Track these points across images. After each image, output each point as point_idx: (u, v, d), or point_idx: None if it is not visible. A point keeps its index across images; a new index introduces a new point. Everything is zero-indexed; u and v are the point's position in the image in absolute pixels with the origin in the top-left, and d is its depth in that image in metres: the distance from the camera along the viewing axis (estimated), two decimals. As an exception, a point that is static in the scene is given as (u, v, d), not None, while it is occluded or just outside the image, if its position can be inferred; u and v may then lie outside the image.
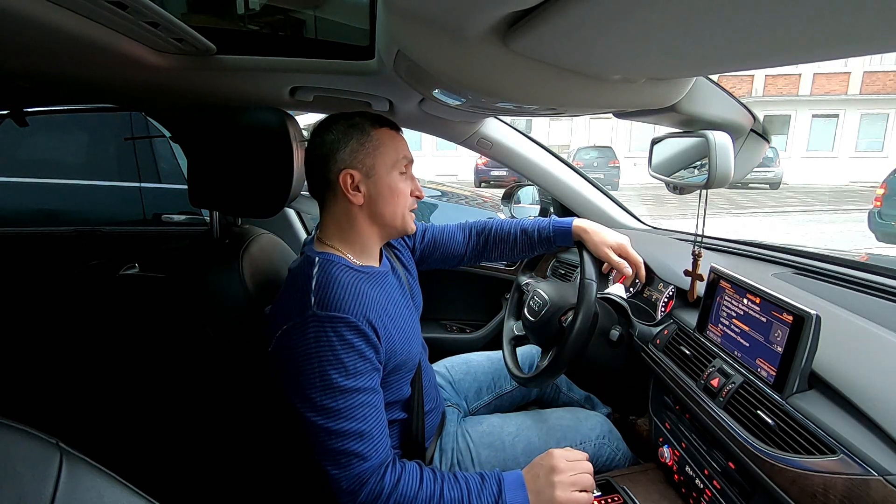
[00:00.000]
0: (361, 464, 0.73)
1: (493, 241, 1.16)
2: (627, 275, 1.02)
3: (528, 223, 1.15)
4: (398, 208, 0.86)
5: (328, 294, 0.75)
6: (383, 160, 0.83)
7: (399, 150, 0.85)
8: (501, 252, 1.16)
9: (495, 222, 1.18)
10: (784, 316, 0.71)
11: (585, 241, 1.06)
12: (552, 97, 0.73)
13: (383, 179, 0.83)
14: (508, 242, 1.15)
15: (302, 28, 1.21)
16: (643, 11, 0.42)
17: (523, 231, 1.14)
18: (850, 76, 14.70)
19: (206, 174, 0.96)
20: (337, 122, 0.84)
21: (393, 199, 0.84)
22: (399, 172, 0.85)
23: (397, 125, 0.88)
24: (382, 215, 0.85)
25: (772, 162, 12.50)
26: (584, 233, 1.06)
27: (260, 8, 1.21)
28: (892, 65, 14.50)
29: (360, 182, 0.82)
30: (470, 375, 1.21)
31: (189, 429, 1.45)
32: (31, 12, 0.60)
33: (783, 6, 0.38)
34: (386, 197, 0.84)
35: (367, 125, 0.83)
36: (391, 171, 0.84)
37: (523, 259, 1.32)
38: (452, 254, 1.16)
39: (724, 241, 1.30)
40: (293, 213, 1.60)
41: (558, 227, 1.11)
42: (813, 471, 0.60)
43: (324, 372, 0.73)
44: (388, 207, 0.85)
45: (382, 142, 0.83)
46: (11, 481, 0.30)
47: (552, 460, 0.76)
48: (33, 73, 0.96)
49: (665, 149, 1.07)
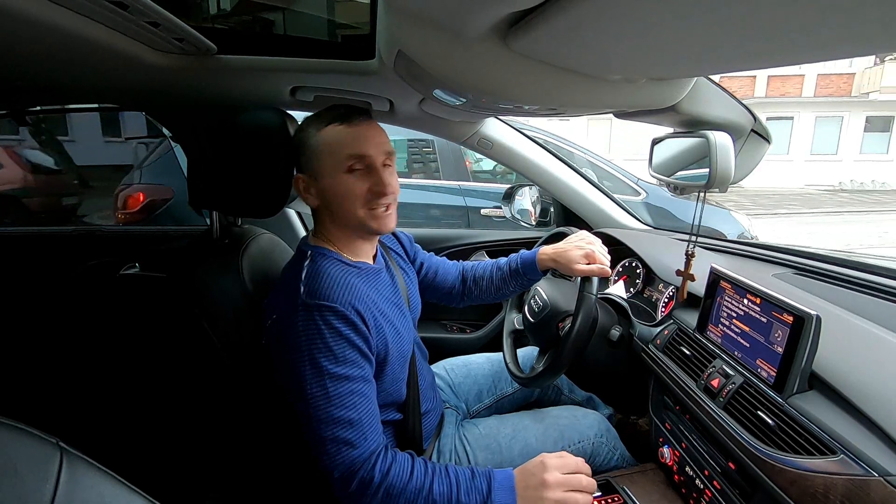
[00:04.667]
0: (350, 451, 0.74)
1: (471, 280, 1.16)
2: (607, 275, 1.01)
3: (503, 259, 1.15)
4: (351, 209, 0.82)
5: (317, 284, 0.77)
6: (326, 161, 0.82)
7: (345, 149, 0.81)
8: (480, 291, 1.15)
9: (478, 263, 1.19)
10: (784, 316, 0.71)
11: (558, 269, 1.05)
12: (552, 97, 0.73)
13: (327, 181, 0.82)
14: (484, 280, 1.15)
15: (302, 28, 1.21)
16: (643, 11, 0.42)
17: (497, 268, 1.14)
18: (804, 78, 14.40)
19: (206, 174, 0.96)
20: (301, 125, 0.86)
21: (343, 200, 0.82)
22: (346, 171, 0.81)
23: (358, 118, 0.83)
24: (341, 217, 0.84)
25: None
26: (553, 262, 1.05)
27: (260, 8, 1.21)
28: (846, 67, 14.30)
29: (311, 185, 0.84)
30: (470, 378, 1.21)
31: (189, 428, 1.45)
32: (31, 12, 0.60)
33: (783, 6, 0.38)
34: (335, 197, 0.83)
35: (312, 129, 0.83)
36: (335, 171, 0.81)
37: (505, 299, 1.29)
38: (443, 287, 1.16)
39: (724, 241, 1.30)
40: (293, 213, 1.60)
41: (525, 259, 1.10)
42: (813, 471, 0.60)
43: (313, 359, 0.74)
44: (340, 208, 0.83)
45: (325, 143, 0.82)
46: (12, 481, 0.30)
47: (544, 473, 0.75)
48: (33, 73, 0.96)
49: (665, 149, 1.07)
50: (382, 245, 0.98)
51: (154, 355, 1.61)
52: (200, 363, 0.95)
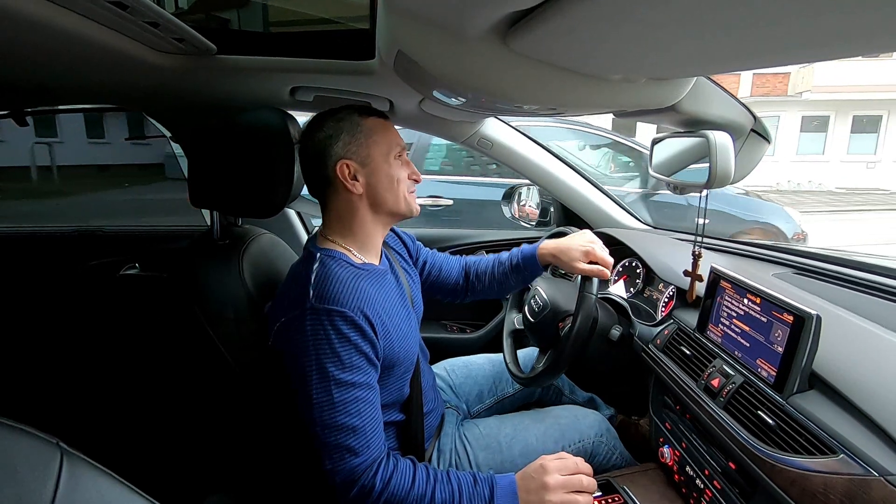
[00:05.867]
0: (353, 459, 0.74)
1: (473, 275, 1.16)
2: (606, 278, 1.01)
3: (504, 254, 1.15)
4: (399, 193, 0.86)
5: (326, 288, 0.76)
6: (377, 148, 0.84)
7: (391, 138, 0.86)
8: (483, 287, 1.16)
9: (480, 258, 1.19)
10: (784, 316, 0.71)
11: (558, 265, 1.05)
12: (552, 97, 0.73)
13: (381, 167, 0.84)
14: (486, 276, 1.15)
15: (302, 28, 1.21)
16: (643, 11, 0.42)
17: (499, 263, 1.14)
18: (740, 77, 14.19)
19: (207, 174, 0.96)
20: (325, 119, 0.85)
21: (392, 186, 0.85)
22: (395, 158, 0.86)
23: (385, 114, 0.89)
24: (385, 202, 0.86)
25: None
26: (553, 258, 1.05)
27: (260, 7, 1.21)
28: (781, 67, 14.17)
29: (358, 172, 0.83)
30: (471, 379, 1.21)
31: (189, 428, 1.45)
32: (31, 12, 0.60)
33: (783, 5, 0.38)
34: (385, 184, 0.85)
35: (355, 116, 0.84)
36: (387, 157, 0.85)
37: (506, 294, 1.29)
38: (446, 284, 1.16)
39: (724, 241, 1.30)
40: (293, 213, 1.60)
41: (525, 253, 1.10)
42: (813, 471, 0.60)
43: (320, 364, 0.73)
44: (388, 193, 0.85)
45: (374, 130, 0.84)
46: (12, 481, 0.30)
47: (544, 476, 0.75)
48: (33, 73, 0.96)
49: (665, 149, 1.07)
50: (386, 245, 0.98)
51: (154, 355, 1.61)
52: (200, 363, 0.95)
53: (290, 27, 1.23)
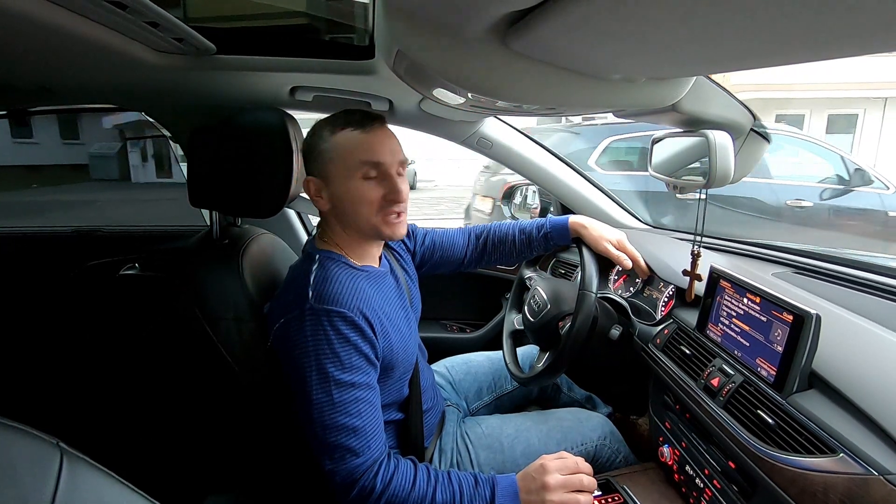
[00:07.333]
0: (353, 459, 0.74)
1: (491, 243, 1.16)
2: (626, 267, 1.03)
3: (526, 223, 1.15)
4: (364, 214, 0.81)
5: (325, 288, 0.76)
6: (339, 166, 0.80)
7: (361, 155, 0.79)
8: (500, 254, 1.16)
9: (494, 224, 1.19)
10: (784, 315, 0.71)
11: (584, 237, 1.06)
12: (552, 97, 0.73)
13: (341, 186, 0.80)
14: (507, 243, 1.15)
15: (302, 27, 1.21)
16: (643, 11, 0.42)
17: (521, 230, 1.14)
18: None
19: (206, 174, 0.96)
20: (311, 130, 0.85)
21: (357, 206, 0.81)
22: (363, 178, 0.80)
23: (373, 123, 0.82)
24: (352, 222, 0.83)
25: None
26: (583, 228, 1.07)
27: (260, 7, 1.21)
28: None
29: (321, 188, 0.83)
30: (470, 376, 1.21)
31: (189, 428, 1.44)
32: (31, 12, 0.60)
33: (783, 6, 0.38)
34: (348, 203, 0.81)
35: (326, 132, 0.81)
36: (349, 177, 0.80)
37: (521, 261, 1.32)
38: (452, 257, 1.16)
39: (724, 240, 1.30)
40: (293, 213, 1.60)
41: (555, 224, 1.11)
42: (813, 470, 0.60)
43: (320, 365, 0.74)
44: (353, 213, 0.82)
45: (341, 146, 0.80)
46: (11, 481, 0.30)
47: (545, 476, 0.76)
48: (33, 73, 0.96)
49: (665, 148, 1.07)
50: (386, 246, 0.98)
51: (154, 355, 1.61)
52: (200, 363, 0.95)
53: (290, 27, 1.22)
